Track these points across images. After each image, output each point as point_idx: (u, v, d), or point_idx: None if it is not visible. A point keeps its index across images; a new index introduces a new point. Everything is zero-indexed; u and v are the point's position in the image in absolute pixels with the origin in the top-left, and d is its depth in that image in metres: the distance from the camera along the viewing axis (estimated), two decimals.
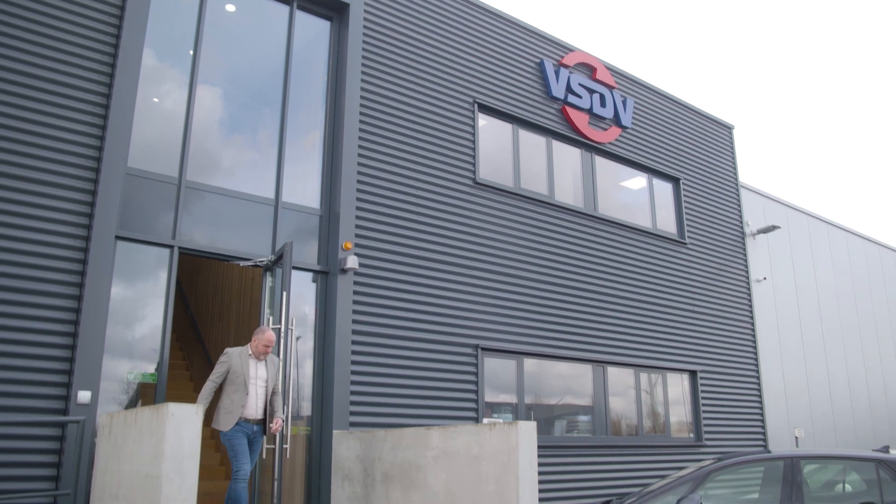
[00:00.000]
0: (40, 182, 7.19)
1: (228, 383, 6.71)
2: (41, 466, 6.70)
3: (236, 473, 6.34)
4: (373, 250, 9.32)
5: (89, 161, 7.49)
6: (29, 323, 6.87)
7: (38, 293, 6.97)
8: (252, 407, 6.69)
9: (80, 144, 7.48)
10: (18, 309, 6.85)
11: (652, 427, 12.39)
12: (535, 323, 10.90)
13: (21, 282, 6.91)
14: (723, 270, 14.52)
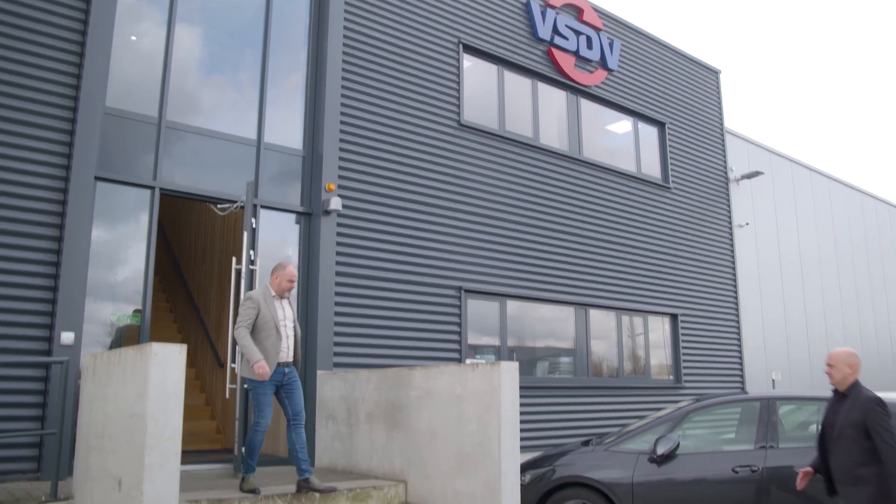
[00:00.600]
0: (17, 122, 7.06)
1: (258, 330, 6.18)
2: (27, 407, 6.74)
3: (257, 425, 6.09)
4: (356, 192, 9.27)
5: (66, 100, 7.35)
6: (10, 265, 6.83)
7: (18, 235, 6.91)
8: (284, 350, 6.29)
9: (56, 83, 7.32)
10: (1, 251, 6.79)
11: (632, 369, 12.58)
12: (518, 265, 10.95)
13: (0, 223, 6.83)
14: (705, 215, 14.60)
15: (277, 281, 6.41)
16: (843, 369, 5.11)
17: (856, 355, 5.19)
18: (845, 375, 5.11)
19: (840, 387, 5.15)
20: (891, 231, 21.65)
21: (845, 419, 4.99)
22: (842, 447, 4.97)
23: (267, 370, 5.96)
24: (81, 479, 5.50)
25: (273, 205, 8.64)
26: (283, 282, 6.39)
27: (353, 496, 6.42)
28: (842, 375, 5.12)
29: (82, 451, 5.63)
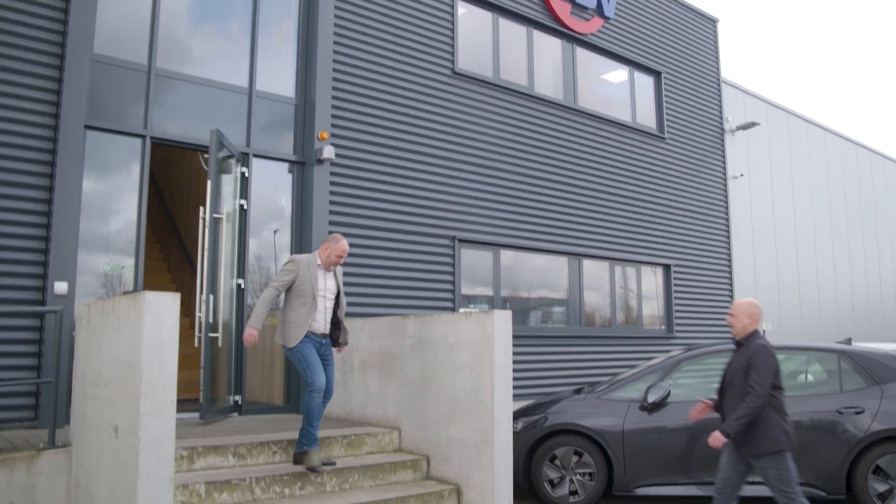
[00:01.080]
0: (2, 69, 6.93)
1: (295, 296, 5.97)
2: (22, 356, 6.78)
3: (311, 385, 5.79)
4: (350, 140, 9.19)
5: (53, 47, 7.21)
6: (1, 215, 6.78)
7: (8, 185, 6.84)
8: (320, 322, 6.04)
9: (41, 29, 7.18)
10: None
11: (625, 319, 12.67)
12: (512, 215, 10.94)
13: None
14: (700, 166, 14.55)
15: (326, 253, 6.13)
16: (744, 319, 5.20)
17: (757, 306, 5.27)
18: (745, 325, 5.20)
19: (739, 336, 5.26)
20: (885, 183, 21.66)
21: (737, 366, 5.13)
22: (733, 393, 5.10)
23: (254, 338, 5.77)
24: (78, 427, 5.55)
25: (266, 154, 8.57)
26: (332, 255, 6.12)
27: (348, 443, 6.51)
28: (742, 325, 5.22)
29: (78, 399, 5.67)
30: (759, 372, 4.92)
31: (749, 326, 5.20)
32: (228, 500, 5.37)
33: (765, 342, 5.10)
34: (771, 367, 4.96)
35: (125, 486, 4.47)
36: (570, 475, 7.13)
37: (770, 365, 4.96)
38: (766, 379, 4.91)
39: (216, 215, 7.40)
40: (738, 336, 5.26)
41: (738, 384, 5.07)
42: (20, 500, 5.25)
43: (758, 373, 4.92)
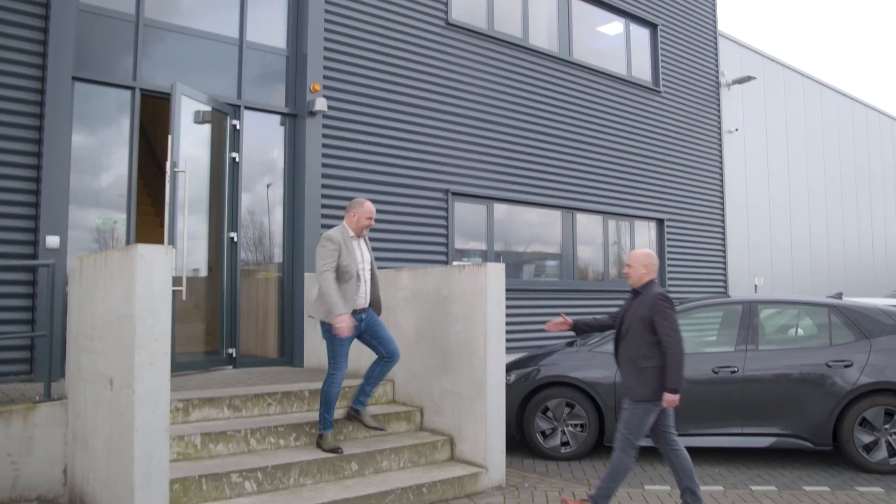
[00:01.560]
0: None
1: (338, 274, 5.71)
2: (16, 310, 6.78)
3: (335, 375, 5.71)
4: (342, 93, 9.09)
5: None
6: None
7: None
8: (362, 296, 5.86)
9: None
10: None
11: (618, 273, 12.72)
12: (506, 169, 10.90)
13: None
14: (695, 120, 14.47)
15: (355, 219, 5.87)
16: (640, 269, 5.31)
17: (652, 256, 5.38)
18: (641, 275, 5.30)
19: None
20: (880, 139, 21.60)
21: (633, 314, 5.21)
22: (629, 341, 5.19)
23: (349, 327, 5.54)
24: (73, 380, 5.57)
25: (257, 106, 8.48)
26: (362, 219, 5.87)
27: (342, 395, 6.55)
28: (638, 275, 5.31)
29: (73, 352, 5.68)
30: (666, 319, 5.01)
31: (645, 276, 5.30)
32: (224, 451, 5.43)
33: (661, 290, 5.21)
34: (672, 314, 5.07)
35: (121, 438, 4.50)
36: (562, 426, 7.22)
37: (670, 312, 5.06)
38: (674, 324, 5.01)
39: (177, 169, 7.24)
40: (635, 285, 5.35)
41: (634, 331, 5.16)
42: (18, 452, 5.30)
43: (666, 320, 5.01)
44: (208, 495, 4.89)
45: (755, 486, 6.23)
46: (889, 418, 6.73)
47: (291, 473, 5.27)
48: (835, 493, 6.03)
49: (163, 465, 4.44)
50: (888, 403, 6.73)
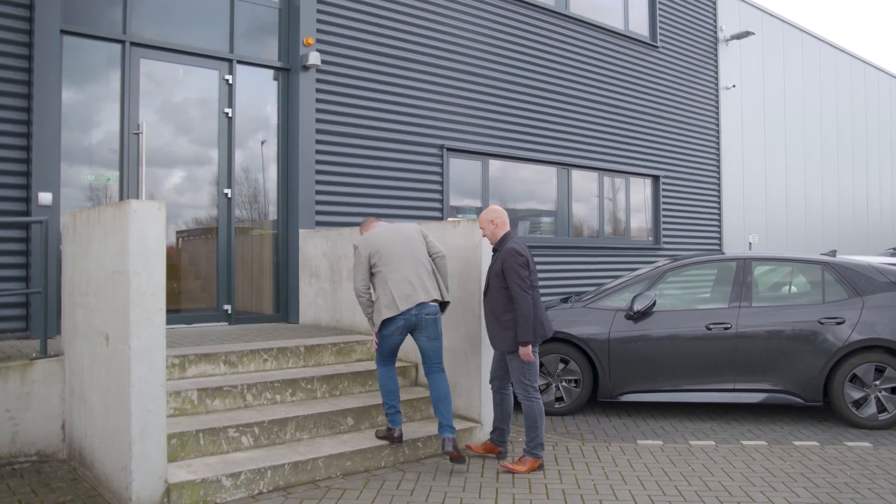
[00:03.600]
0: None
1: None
2: (10, 268, 6.76)
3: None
4: (335, 46, 8.96)
5: None
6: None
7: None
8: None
9: None
10: None
11: (613, 230, 12.72)
12: (501, 125, 10.82)
13: None
14: (692, 76, 14.35)
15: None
16: (488, 226, 5.47)
17: (497, 210, 5.50)
18: (493, 231, 5.46)
19: (493, 242, 5.51)
20: (878, 96, 21.46)
21: (491, 270, 5.39)
22: (490, 296, 5.38)
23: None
24: (69, 336, 5.58)
25: (249, 60, 8.37)
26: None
27: (338, 350, 6.59)
28: (490, 232, 5.48)
29: (68, 308, 5.68)
30: (515, 273, 5.17)
31: (497, 231, 5.45)
32: (220, 407, 5.47)
33: (513, 244, 5.31)
34: (521, 269, 5.18)
35: (118, 393, 4.52)
36: (556, 382, 7.28)
37: (517, 266, 5.18)
38: (523, 279, 5.16)
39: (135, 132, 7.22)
40: (492, 242, 5.51)
41: (493, 286, 5.35)
42: (16, 408, 5.33)
43: (514, 274, 5.17)
44: (205, 450, 4.93)
45: (746, 441, 6.32)
46: (879, 375, 6.80)
47: (288, 428, 5.32)
48: (824, 447, 6.12)
49: (160, 420, 4.47)
50: (879, 360, 6.80)
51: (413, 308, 5.27)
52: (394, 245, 5.40)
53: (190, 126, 8.06)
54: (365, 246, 5.42)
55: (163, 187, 7.85)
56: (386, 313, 5.26)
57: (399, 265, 5.33)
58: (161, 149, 7.81)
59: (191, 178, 8.04)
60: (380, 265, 5.36)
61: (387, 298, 5.28)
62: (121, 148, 7.48)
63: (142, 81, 7.62)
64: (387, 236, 5.45)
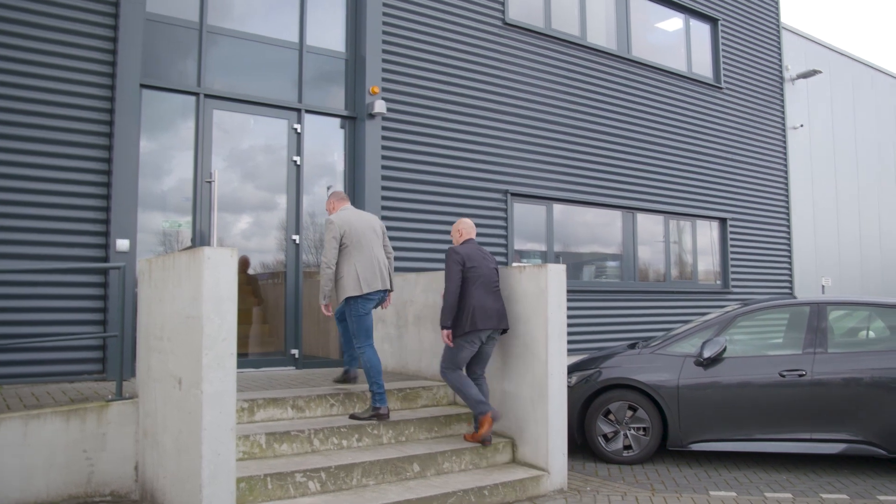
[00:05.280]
0: (60, 30, 7.03)
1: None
2: (90, 311, 7.00)
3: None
4: (401, 94, 9.15)
5: (107, 6, 7.28)
6: (66, 174, 6.95)
7: (70, 144, 6.99)
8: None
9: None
10: (55, 161, 6.91)
11: (679, 274, 12.51)
12: (565, 168, 10.82)
13: (54, 133, 6.92)
14: (758, 116, 14.14)
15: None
16: (455, 234, 6.43)
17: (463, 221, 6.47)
18: (457, 239, 6.38)
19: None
20: None
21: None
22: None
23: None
24: (144, 379, 5.72)
25: (317, 109, 8.59)
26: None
27: (403, 396, 6.59)
28: (455, 239, 6.41)
29: (143, 352, 5.83)
30: (446, 272, 6.06)
31: (459, 239, 6.37)
32: (288, 451, 5.50)
33: (453, 247, 6.21)
34: (453, 265, 6.03)
35: (190, 436, 4.60)
36: (625, 430, 7.13)
37: (451, 263, 6.04)
38: (450, 272, 6.02)
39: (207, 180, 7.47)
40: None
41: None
42: (92, 448, 5.46)
43: (446, 273, 6.06)
44: (273, 494, 4.96)
45: (826, 495, 6.06)
46: None
47: (354, 474, 5.31)
48: None
49: (230, 464, 4.52)
50: None
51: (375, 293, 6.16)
52: (362, 230, 6.20)
53: (259, 173, 8.29)
54: (340, 224, 6.15)
55: (232, 232, 8.06)
56: (351, 293, 6.05)
57: (365, 250, 6.15)
58: (230, 195, 8.03)
59: (259, 223, 8.23)
60: (349, 245, 6.12)
61: (352, 278, 6.06)
62: (194, 195, 7.72)
63: (214, 131, 7.89)
64: (357, 222, 6.23)
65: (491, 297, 6.06)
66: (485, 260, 6.18)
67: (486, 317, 5.97)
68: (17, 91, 6.79)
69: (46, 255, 6.82)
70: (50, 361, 6.80)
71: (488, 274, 6.12)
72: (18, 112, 6.78)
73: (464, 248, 6.17)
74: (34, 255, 6.77)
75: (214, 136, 7.89)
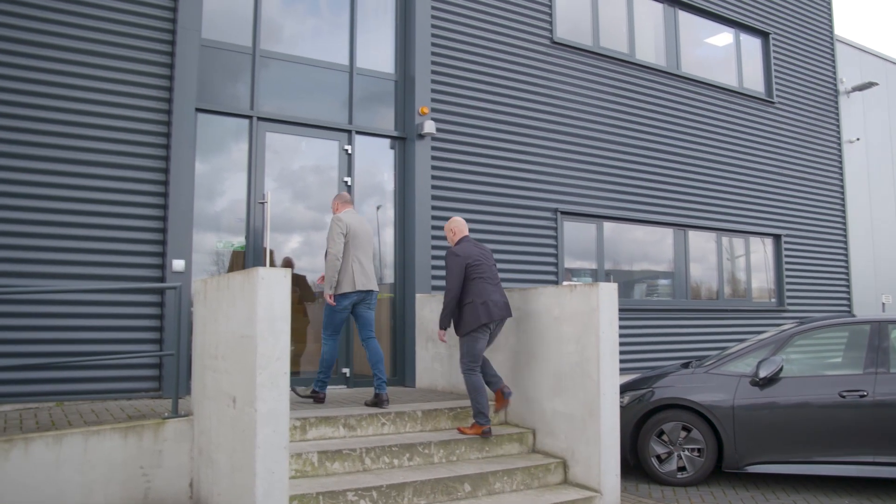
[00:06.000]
0: (119, 58, 7.27)
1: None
2: (146, 330, 7.17)
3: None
4: (450, 114, 9.21)
5: (164, 34, 7.51)
6: (124, 196, 7.16)
7: (129, 168, 7.20)
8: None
9: (153, 17, 7.49)
10: (115, 184, 7.13)
11: (732, 292, 12.29)
12: (615, 186, 10.75)
13: (114, 157, 7.15)
14: (812, 130, 13.86)
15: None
16: (449, 234, 6.79)
17: (455, 220, 6.82)
18: (451, 238, 6.75)
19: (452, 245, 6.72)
20: None
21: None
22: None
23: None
24: (199, 397, 5.82)
25: (367, 130, 8.70)
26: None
27: (454, 415, 6.59)
28: (450, 238, 6.77)
29: (198, 370, 5.94)
30: (447, 272, 6.37)
31: (455, 238, 6.71)
32: (340, 470, 5.53)
33: (452, 248, 6.53)
34: (455, 266, 6.32)
35: (244, 454, 4.66)
36: (678, 451, 7.00)
37: (452, 265, 6.34)
38: (452, 278, 6.31)
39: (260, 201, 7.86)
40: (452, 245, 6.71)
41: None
42: (149, 465, 5.57)
43: (447, 273, 6.37)
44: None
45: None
46: None
47: (405, 493, 5.31)
48: None
49: (283, 482, 4.56)
50: None
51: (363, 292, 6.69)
52: (361, 235, 6.77)
53: (310, 194, 8.40)
54: (345, 224, 6.70)
55: (283, 252, 8.18)
56: (346, 288, 6.61)
57: (361, 251, 6.73)
58: (282, 215, 8.16)
59: (309, 243, 8.33)
60: (348, 244, 6.66)
61: (348, 275, 6.63)
62: (247, 216, 7.86)
63: (267, 153, 8.03)
64: (358, 226, 6.80)
65: (496, 290, 6.42)
66: (483, 255, 6.52)
67: (497, 308, 6.33)
68: (80, 117, 7.04)
69: (106, 275, 7.01)
70: (108, 379, 6.97)
71: (489, 268, 6.49)
72: (81, 137, 7.03)
73: (462, 248, 6.48)
74: (95, 275, 6.97)
75: (267, 158, 8.04)
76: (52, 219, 6.85)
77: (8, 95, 6.78)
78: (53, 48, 7.00)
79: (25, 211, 6.76)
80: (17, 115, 6.80)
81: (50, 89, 6.95)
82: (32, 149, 6.83)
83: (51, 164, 6.89)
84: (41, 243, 6.80)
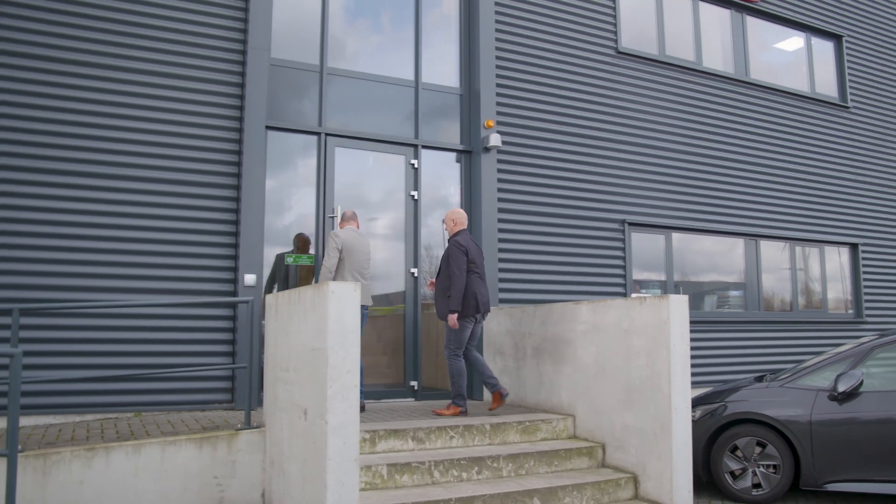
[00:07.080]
0: (192, 79, 7.54)
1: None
2: (220, 343, 7.36)
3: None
4: (515, 127, 9.22)
5: (235, 55, 7.74)
6: (197, 213, 7.39)
7: (203, 185, 7.43)
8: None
9: (225, 39, 7.74)
10: (188, 200, 7.37)
11: (807, 303, 11.92)
12: (683, 196, 10.57)
13: (188, 174, 7.40)
14: (890, 135, 13.37)
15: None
16: (450, 224, 7.20)
17: (457, 212, 7.25)
18: (451, 227, 7.16)
19: (450, 235, 7.17)
20: None
21: (443, 256, 7.08)
22: (440, 276, 7.05)
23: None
24: (271, 409, 5.93)
25: (433, 144, 8.77)
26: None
27: (523, 429, 6.55)
28: (450, 228, 7.19)
29: (270, 383, 6.05)
30: (452, 259, 6.85)
31: (454, 228, 7.14)
32: (409, 482, 5.55)
33: (456, 239, 7.00)
34: (461, 258, 6.84)
35: (315, 465, 4.72)
36: (753, 467, 6.81)
37: (458, 256, 6.84)
38: (458, 263, 6.82)
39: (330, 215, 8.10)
40: (449, 235, 7.18)
41: (442, 269, 7.04)
42: (223, 475, 5.70)
43: (451, 260, 6.85)
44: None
45: None
46: None
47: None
48: None
49: (353, 494, 4.60)
50: None
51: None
52: (358, 252, 7.02)
53: (377, 208, 8.50)
54: (342, 239, 6.95)
55: None
56: None
57: (356, 266, 6.98)
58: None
59: (377, 257, 8.42)
60: (343, 260, 6.93)
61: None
62: (316, 230, 8.00)
63: (336, 168, 8.17)
64: (356, 243, 7.03)
65: (483, 285, 7.05)
66: (478, 251, 7.11)
67: (483, 302, 6.97)
68: (155, 137, 7.30)
69: (180, 289, 7.23)
70: (183, 391, 7.17)
71: (481, 265, 7.07)
72: (156, 157, 7.29)
73: (464, 239, 7.00)
74: (170, 289, 7.19)
75: (336, 173, 8.18)
76: (129, 235, 7.11)
77: (93, 119, 7.09)
78: (138, 73, 7.32)
79: (106, 228, 7.03)
80: (99, 137, 7.09)
81: (130, 112, 7.25)
82: (110, 168, 7.12)
83: (127, 182, 7.17)
84: (120, 259, 7.06)
